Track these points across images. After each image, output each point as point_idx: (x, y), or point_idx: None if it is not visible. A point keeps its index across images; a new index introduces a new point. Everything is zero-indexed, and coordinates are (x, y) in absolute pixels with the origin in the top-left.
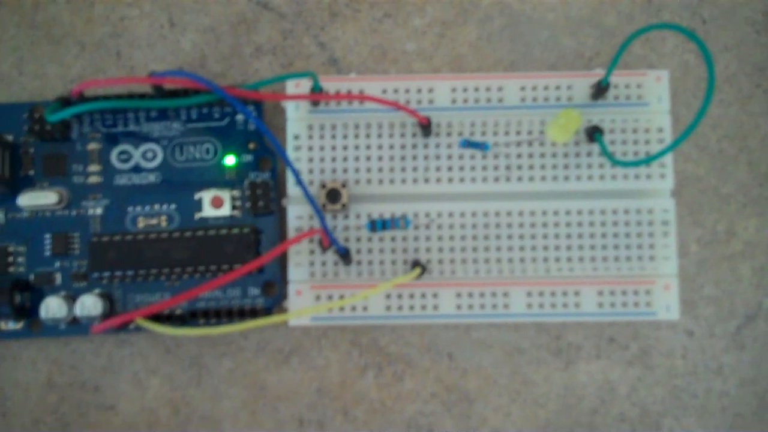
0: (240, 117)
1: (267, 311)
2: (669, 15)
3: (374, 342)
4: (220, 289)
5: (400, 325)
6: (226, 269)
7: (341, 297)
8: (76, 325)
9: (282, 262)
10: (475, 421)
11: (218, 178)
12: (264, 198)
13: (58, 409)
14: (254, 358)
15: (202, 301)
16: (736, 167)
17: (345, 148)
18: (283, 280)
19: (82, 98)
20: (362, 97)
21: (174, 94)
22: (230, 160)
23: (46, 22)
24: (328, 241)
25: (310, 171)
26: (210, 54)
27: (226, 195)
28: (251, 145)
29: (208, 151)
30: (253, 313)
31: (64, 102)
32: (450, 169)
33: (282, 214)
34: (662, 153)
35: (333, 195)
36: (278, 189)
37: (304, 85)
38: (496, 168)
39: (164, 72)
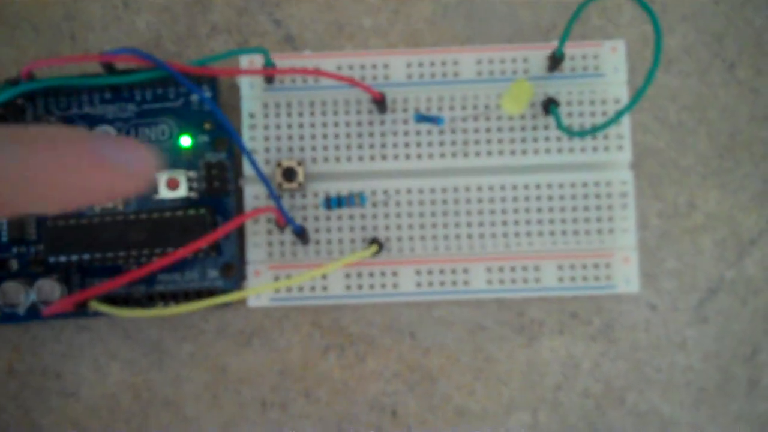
0: (195, 97)
1: (226, 293)
2: None
3: (336, 322)
4: (179, 272)
5: (361, 304)
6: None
7: (300, 276)
8: (35, 311)
9: (241, 243)
10: (438, 399)
11: (175, 160)
12: (220, 179)
13: (19, 396)
14: (215, 341)
15: (161, 284)
16: (695, 139)
17: (301, 126)
18: (241, 261)
19: (32, 80)
20: (317, 72)
21: (126, 73)
22: (186, 140)
23: None
24: (283, 219)
25: (266, 150)
26: (166, 34)
27: (182, 176)
28: (207, 125)
29: (163, 133)
30: (212, 295)
31: (13, 83)
32: (407, 145)
33: (240, 194)
34: (612, 121)
35: (289, 173)
36: (235, 169)
37: (257, 62)
38: (453, 143)
39: (114, 50)
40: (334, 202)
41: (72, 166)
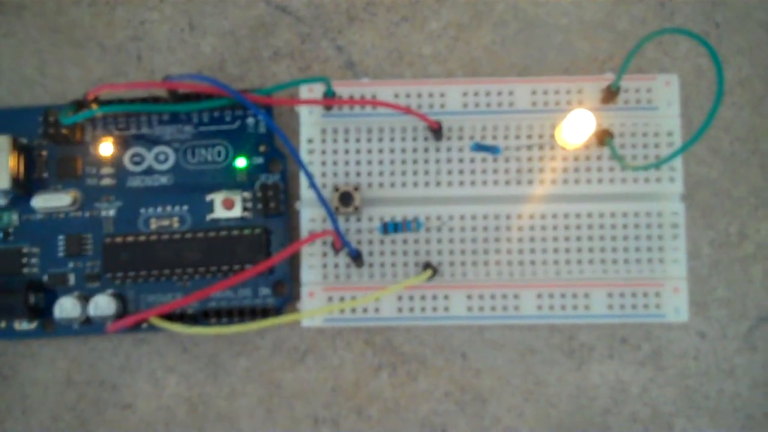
0: (251, 120)
1: (277, 311)
2: (682, 19)
3: (388, 342)
4: (231, 289)
5: (414, 325)
6: (238, 269)
7: (353, 299)
8: (89, 325)
9: (292, 262)
10: (488, 420)
11: (229, 180)
12: (275, 199)
13: (77, 407)
14: (270, 357)
15: (214, 301)
16: (748, 170)
17: (358, 151)
18: (294, 280)
19: (97, 101)
20: (374, 102)
21: (187, 97)
22: (241, 162)
23: (68, 26)
24: (340, 243)
25: (323, 174)
26: (229, 58)
27: (237, 197)
28: (262, 148)
29: (219, 154)
30: (264, 313)
31: (79, 105)
32: (461, 172)
33: (291, 215)
34: (671, 157)
35: (346, 198)
36: (287, 191)
37: (317, 90)
38: (506, 171)
39: (180, 75)
40: (391, 227)
41: None
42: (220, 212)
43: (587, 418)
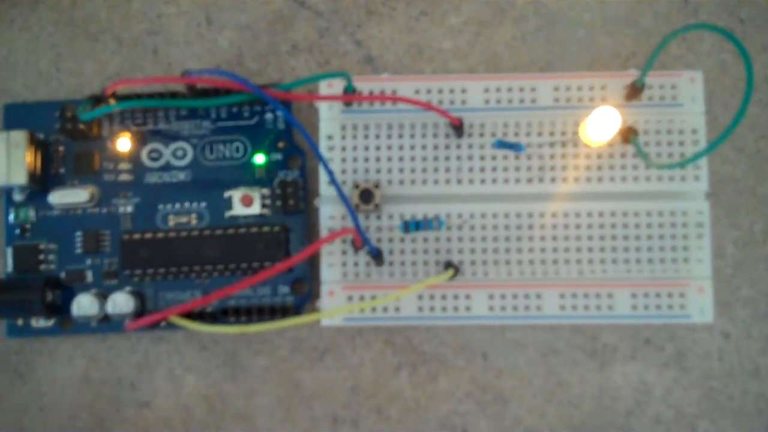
0: (269, 116)
1: (297, 309)
2: (706, 15)
3: (408, 341)
4: (251, 288)
5: (434, 325)
6: (257, 267)
7: (373, 298)
8: (107, 323)
9: (312, 260)
10: (509, 421)
11: (248, 177)
12: (294, 196)
13: (94, 405)
14: (289, 356)
15: (233, 299)
16: None
17: (378, 148)
18: (313, 278)
19: (114, 96)
20: (394, 98)
21: (205, 92)
22: (260, 158)
23: (83, 20)
24: (360, 241)
25: (343, 171)
26: (247, 52)
27: (255, 193)
28: (280, 144)
29: (237, 150)
30: (283, 311)
31: (96, 100)
32: (483, 170)
33: (310, 212)
34: (699, 155)
35: (366, 195)
36: (306, 187)
37: (337, 86)
38: (529, 169)
39: (198, 70)
40: (412, 225)
41: None
42: (238, 209)
43: (609, 420)
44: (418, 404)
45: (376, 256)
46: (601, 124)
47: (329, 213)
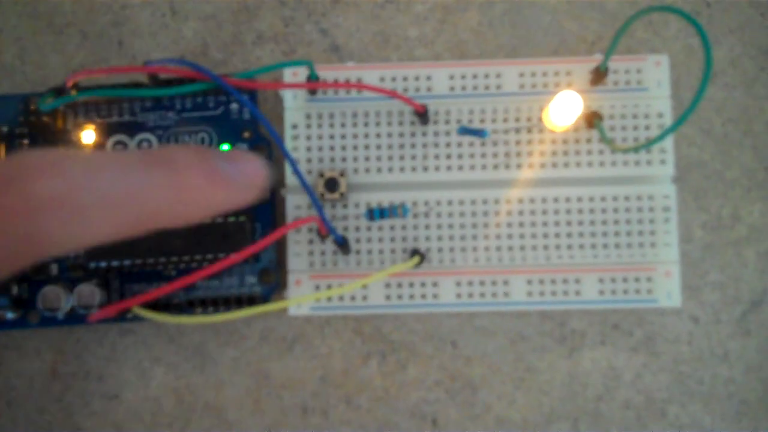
0: (234, 106)
1: (264, 299)
2: None
3: (377, 330)
4: (217, 278)
5: (403, 313)
6: (223, 258)
7: (340, 286)
8: (74, 315)
9: (279, 250)
10: (479, 408)
11: None
12: None
13: (63, 398)
14: (257, 346)
15: (200, 290)
16: (740, 151)
17: (343, 137)
18: (280, 268)
19: (77, 88)
20: (359, 86)
21: (169, 83)
22: (225, 149)
23: (47, 12)
24: (325, 229)
25: (308, 160)
26: (212, 42)
27: None
28: (246, 134)
29: (203, 140)
30: (251, 301)
31: (58, 92)
32: (449, 156)
33: (278, 202)
34: (660, 137)
35: (331, 184)
36: (273, 178)
37: (301, 74)
38: (494, 155)
39: (160, 60)
40: (377, 213)
41: (192, 183)
42: None
43: (579, 406)
44: (387, 393)
45: (342, 244)
46: (564, 109)
47: (295, 202)
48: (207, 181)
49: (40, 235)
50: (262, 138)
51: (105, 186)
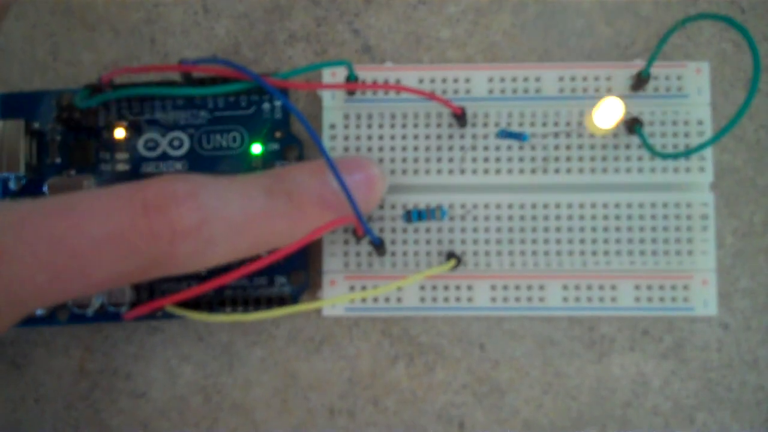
0: (266, 105)
1: (293, 299)
2: (707, 4)
3: (405, 332)
4: (247, 278)
5: (432, 315)
6: (254, 256)
7: (375, 287)
8: (103, 313)
9: (309, 250)
10: (506, 412)
11: (244, 167)
12: None
13: (90, 396)
14: (285, 346)
15: (230, 290)
16: None
17: (381, 137)
18: (310, 268)
19: (111, 86)
20: (398, 87)
21: (202, 82)
22: (257, 148)
23: (80, 9)
24: (362, 230)
25: None
26: (243, 41)
27: None
28: (278, 134)
29: (234, 140)
30: (280, 301)
31: (93, 89)
32: (486, 159)
33: None
34: (704, 145)
35: None
36: None
37: (339, 74)
38: (533, 159)
39: (197, 59)
40: (415, 215)
41: (308, 212)
42: None
43: (607, 411)
44: (414, 395)
45: (378, 245)
46: (606, 115)
47: None
48: (321, 208)
49: (172, 260)
50: (294, 138)
51: (232, 215)
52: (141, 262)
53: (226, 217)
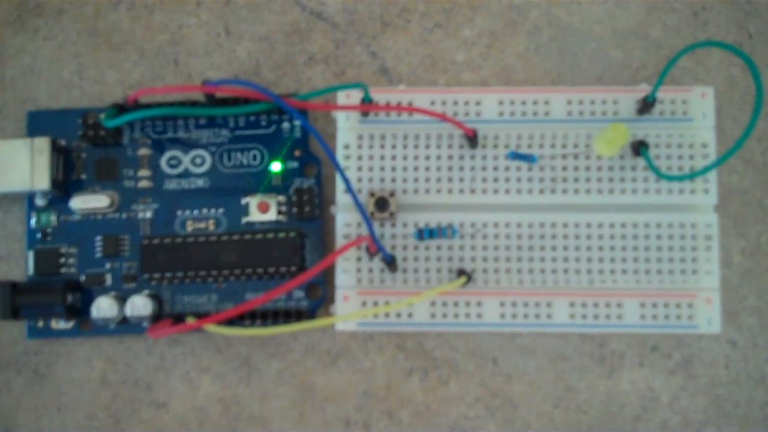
0: (286, 125)
1: (311, 313)
2: (715, 29)
3: (420, 346)
4: (265, 292)
5: (445, 331)
6: (272, 272)
7: (387, 303)
8: (125, 325)
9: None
10: (518, 425)
11: (264, 184)
12: (309, 203)
13: (111, 406)
14: (302, 359)
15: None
16: None
17: (393, 158)
18: (327, 283)
19: (136, 105)
20: (410, 109)
21: (224, 102)
22: (276, 166)
23: (106, 29)
24: (375, 248)
25: (359, 180)
26: (264, 62)
27: (272, 200)
28: (297, 153)
29: (254, 158)
30: (298, 315)
31: (119, 108)
32: (496, 180)
33: (326, 219)
34: (708, 168)
35: (381, 203)
36: (322, 195)
37: (354, 96)
38: (541, 180)
39: (219, 80)
40: (426, 233)
41: None
42: (255, 215)
43: (617, 426)
44: (428, 408)
45: (390, 262)
46: (613, 138)
47: (345, 220)
48: None
49: None
50: (313, 156)
51: None
52: None
53: None
